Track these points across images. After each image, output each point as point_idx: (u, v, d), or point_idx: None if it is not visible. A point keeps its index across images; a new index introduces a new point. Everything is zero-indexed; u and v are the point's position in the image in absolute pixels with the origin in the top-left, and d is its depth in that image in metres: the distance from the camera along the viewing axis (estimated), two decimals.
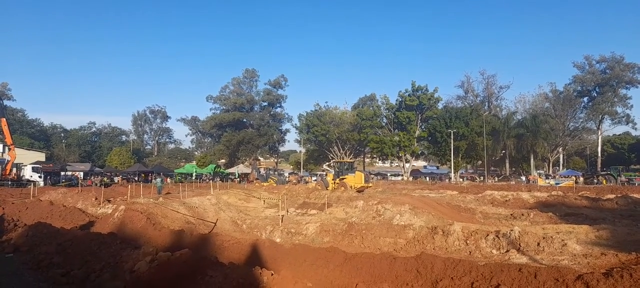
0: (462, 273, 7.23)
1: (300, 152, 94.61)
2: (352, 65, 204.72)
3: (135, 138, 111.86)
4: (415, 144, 74.07)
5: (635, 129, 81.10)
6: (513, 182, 57.49)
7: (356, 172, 38.28)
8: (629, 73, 74.82)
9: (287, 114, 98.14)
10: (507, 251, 10.69)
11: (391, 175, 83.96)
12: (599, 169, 69.59)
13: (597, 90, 77.17)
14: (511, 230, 11.45)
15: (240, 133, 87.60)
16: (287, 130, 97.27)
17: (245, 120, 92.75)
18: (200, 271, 6.81)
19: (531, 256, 10.10)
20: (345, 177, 36.42)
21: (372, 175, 62.05)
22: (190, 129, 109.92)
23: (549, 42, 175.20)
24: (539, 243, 10.68)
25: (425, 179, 70.89)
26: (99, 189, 28.96)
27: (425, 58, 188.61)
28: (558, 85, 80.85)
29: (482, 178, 68.35)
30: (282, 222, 16.69)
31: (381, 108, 78.34)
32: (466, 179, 68.98)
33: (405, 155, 73.79)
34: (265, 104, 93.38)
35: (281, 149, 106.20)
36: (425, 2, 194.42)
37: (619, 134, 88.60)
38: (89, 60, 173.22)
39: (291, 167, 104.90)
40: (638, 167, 65.25)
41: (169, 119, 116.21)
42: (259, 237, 13.93)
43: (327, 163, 59.65)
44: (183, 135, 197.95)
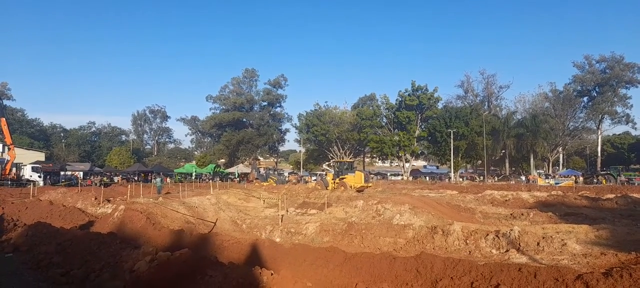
0: (462, 272, 7.23)
1: (300, 151, 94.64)
2: (352, 65, 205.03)
3: (135, 138, 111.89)
4: (415, 144, 74.11)
5: (635, 128, 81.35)
6: (513, 182, 57.47)
7: (356, 172, 38.33)
8: (628, 73, 74.90)
9: (287, 113, 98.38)
10: (507, 251, 10.69)
11: (391, 174, 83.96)
12: (598, 169, 69.65)
13: (597, 89, 77.21)
14: (511, 229, 11.44)
15: (240, 133, 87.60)
16: (287, 130, 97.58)
17: (245, 120, 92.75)
18: (200, 271, 6.81)
19: (531, 256, 10.10)
20: (345, 176, 36.44)
21: (372, 175, 62.05)
22: (190, 129, 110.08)
23: (548, 42, 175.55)
24: (538, 243, 10.68)
25: (425, 179, 70.87)
26: (99, 189, 28.92)
27: (425, 58, 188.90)
28: (558, 85, 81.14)
29: (482, 178, 68.36)
30: (282, 221, 16.68)
31: (381, 108, 78.41)
32: (466, 179, 68.99)
33: (405, 154, 73.81)
34: (265, 103, 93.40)
35: (281, 149, 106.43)
36: (425, 2, 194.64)
37: (619, 134, 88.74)
38: (89, 60, 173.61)
39: (291, 166, 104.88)
40: (638, 166, 65.36)
41: (168, 119, 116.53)
42: (259, 236, 13.92)
43: (327, 163, 59.66)
44: (183, 135, 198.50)
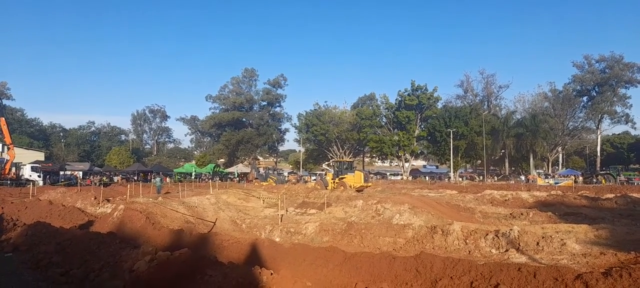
0: (462, 272, 7.23)
1: (299, 151, 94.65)
2: (352, 65, 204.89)
3: (135, 137, 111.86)
4: (415, 144, 74.11)
5: (635, 128, 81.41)
6: (512, 182, 57.48)
7: (355, 172, 38.36)
8: (628, 72, 74.89)
9: (287, 113, 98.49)
10: (507, 250, 10.69)
11: (390, 174, 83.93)
12: (598, 169, 69.72)
13: (597, 89, 77.22)
14: (510, 229, 11.44)
15: (240, 132, 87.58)
16: (287, 130, 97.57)
17: (244, 119, 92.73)
18: (199, 270, 6.81)
19: (530, 255, 10.10)
20: (345, 176, 36.47)
21: (372, 175, 62.10)
22: (189, 129, 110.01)
23: (548, 42, 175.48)
24: (538, 243, 10.68)
25: (425, 179, 70.86)
26: (98, 189, 28.90)
27: (425, 57, 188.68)
28: (557, 84, 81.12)
29: (482, 177, 68.36)
30: (282, 221, 16.67)
31: (381, 107, 78.42)
32: (465, 179, 68.99)
33: (404, 154, 73.81)
34: (265, 103, 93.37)
35: (280, 149, 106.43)
36: (425, 2, 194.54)
37: (618, 134, 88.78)
38: (88, 60, 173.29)
39: (290, 166, 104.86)
40: (637, 166, 65.41)
41: (168, 119, 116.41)
42: (258, 236, 13.91)
43: (327, 163, 59.54)
44: (182, 135, 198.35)
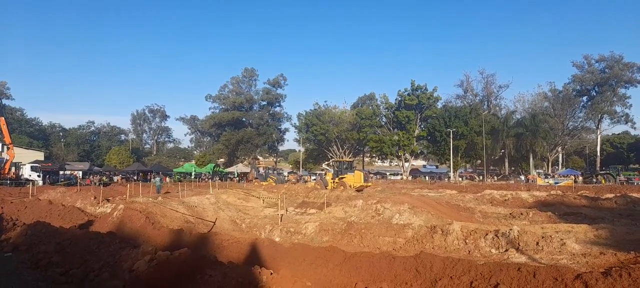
0: (461, 272, 7.23)
1: (299, 151, 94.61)
2: (352, 65, 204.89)
3: (134, 137, 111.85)
4: (415, 143, 74.11)
5: (635, 128, 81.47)
6: (512, 182, 57.51)
7: (355, 171, 38.34)
8: (628, 72, 74.88)
9: (286, 113, 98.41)
10: (506, 250, 10.69)
11: (390, 174, 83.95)
12: (598, 168, 69.69)
13: (596, 89, 77.23)
14: (510, 229, 11.44)
15: (240, 132, 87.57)
16: (286, 130, 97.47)
17: (244, 119, 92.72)
18: (199, 270, 6.81)
19: (530, 255, 10.10)
20: (345, 176, 36.45)
21: (372, 175, 62.12)
22: (189, 128, 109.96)
23: (548, 42, 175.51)
24: (538, 243, 10.68)
25: (425, 178, 70.87)
26: (98, 188, 28.89)
27: (425, 57, 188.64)
28: (557, 84, 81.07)
29: (481, 177, 68.38)
30: (281, 221, 16.68)
31: (380, 107, 78.40)
32: (465, 178, 68.98)
33: (404, 154, 73.82)
34: (265, 103, 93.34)
35: (280, 148, 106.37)
36: (425, 2, 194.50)
37: (618, 133, 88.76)
38: (88, 59, 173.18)
39: (290, 166, 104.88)
40: (637, 166, 65.26)
41: (168, 118, 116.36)
42: (258, 236, 13.91)
43: (327, 163, 59.56)
44: (182, 135, 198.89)
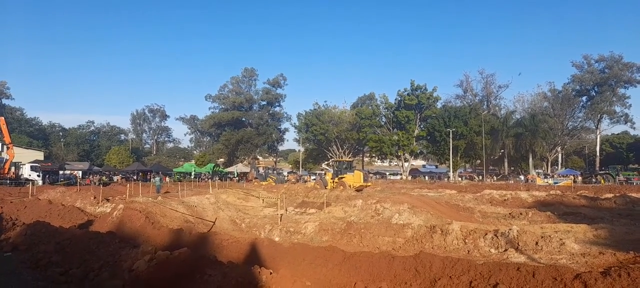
0: (461, 272, 7.24)
1: (299, 151, 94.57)
2: (352, 65, 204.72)
3: (134, 137, 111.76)
4: (414, 143, 74.08)
5: (634, 128, 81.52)
6: (512, 181, 57.50)
7: (355, 171, 38.32)
8: (627, 72, 74.91)
9: (286, 113, 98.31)
10: (506, 250, 10.70)
11: (390, 174, 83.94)
12: (597, 168, 69.71)
13: (596, 89, 77.25)
14: (510, 229, 11.45)
15: (239, 132, 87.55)
16: (286, 129, 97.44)
17: (244, 119, 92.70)
18: (199, 270, 6.82)
19: (529, 255, 10.11)
20: (344, 176, 36.44)
21: (371, 174, 62.13)
22: (189, 128, 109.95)
23: (548, 42, 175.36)
24: (537, 243, 10.70)
25: (424, 178, 70.88)
26: (98, 188, 28.89)
27: (425, 57, 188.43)
28: (557, 84, 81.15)
29: (481, 177, 68.40)
30: (281, 221, 16.68)
31: (380, 107, 78.35)
32: (465, 178, 69.03)
33: (404, 154, 73.80)
34: (264, 103, 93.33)
35: (280, 148, 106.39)
36: (425, 2, 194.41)
37: (618, 133, 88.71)
38: (88, 59, 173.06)
39: (290, 166, 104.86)
40: (636, 166, 65.21)
41: (167, 118, 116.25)
42: (258, 236, 13.91)
43: (326, 163, 59.56)
44: (182, 134, 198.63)
